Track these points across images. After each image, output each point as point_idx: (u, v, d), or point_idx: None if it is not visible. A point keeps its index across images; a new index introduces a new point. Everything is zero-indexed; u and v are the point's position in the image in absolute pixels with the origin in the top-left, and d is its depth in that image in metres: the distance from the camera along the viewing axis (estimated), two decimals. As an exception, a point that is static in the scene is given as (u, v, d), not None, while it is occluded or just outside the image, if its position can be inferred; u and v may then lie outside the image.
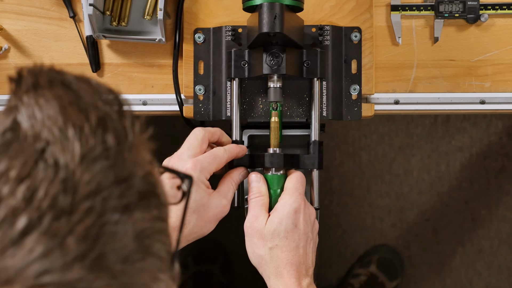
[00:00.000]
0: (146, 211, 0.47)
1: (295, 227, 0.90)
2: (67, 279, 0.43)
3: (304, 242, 0.90)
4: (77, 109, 0.47)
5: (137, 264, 0.46)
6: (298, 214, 0.90)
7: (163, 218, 0.49)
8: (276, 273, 0.89)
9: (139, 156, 0.48)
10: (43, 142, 0.45)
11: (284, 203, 0.91)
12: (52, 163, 0.44)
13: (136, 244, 0.46)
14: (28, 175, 0.43)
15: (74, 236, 0.43)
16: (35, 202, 0.43)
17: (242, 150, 0.95)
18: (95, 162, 0.45)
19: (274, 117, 0.97)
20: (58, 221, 0.43)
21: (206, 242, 1.80)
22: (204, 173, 0.90)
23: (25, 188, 0.43)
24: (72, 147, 0.45)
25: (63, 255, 0.43)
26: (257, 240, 0.90)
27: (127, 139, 0.48)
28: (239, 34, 1.01)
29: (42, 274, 0.42)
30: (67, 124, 0.46)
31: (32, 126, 0.45)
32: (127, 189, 0.46)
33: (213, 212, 0.91)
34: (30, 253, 0.42)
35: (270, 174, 0.95)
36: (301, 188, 0.93)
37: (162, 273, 0.49)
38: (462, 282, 1.82)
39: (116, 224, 0.45)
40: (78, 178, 0.44)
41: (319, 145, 0.96)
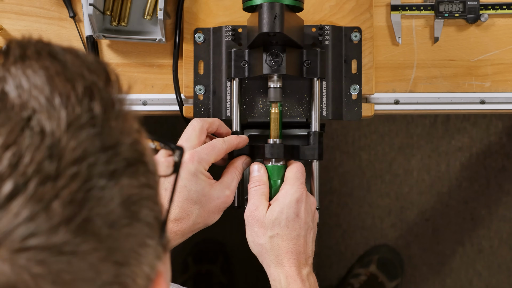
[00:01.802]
0: (134, 178, 0.47)
1: (297, 217, 0.90)
2: (53, 242, 0.43)
3: (305, 231, 0.91)
4: (64, 79, 0.47)
5: (124, 229, 0.47)
6: (300, 204, 0.90)
7: (151, 185, 0.50)
8: (276, 262, 0.90)
9: (126, 124, 0.49)
10: (30, 110, 0.45)
11: (286, 192, 0.91)
12: (38, 131, 0.45)
13: (123, 209, 0.46)
14: (14, 142, 0.44)
15: (59, 200, 0.44)
16: (21, 168, 0.43)
17: (242, 140, 0.96)
18: (81, 129, 0.46)
19: (274, 108, 0.97)
20: (44, 186, 0.43)
21: (206, 242, 1.80)
22: (202, 164, 0.90)
23: (11, 155, 0.44)
24: (58, 115, 0.45)
25: (49, 219, 0.43)
26: (258, 229, 0.90)
27: (114, 108, 0.48)
28: (239, 34, 1.01)
29: (28, 238, 0.43)
30: (53, 93, 0.46)
31: (19, 96, 0.46)
32: (114, 156, 0.46)
33: (216, 202, 0.91)
34: (15, 217, 0.43)
35: (270, 165, 0.95)
36: (302, 178, 0.93)
37: (151, 239, 0.49)
38: (462, 282, 1.82)
39: (103, 189, 0.45)
40: (64, 145, 0.45)
41: (319, 136, 0.96)
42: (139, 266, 0.48)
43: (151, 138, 0.55)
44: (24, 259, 0.43)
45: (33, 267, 0.43)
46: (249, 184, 0.94)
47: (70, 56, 0.49)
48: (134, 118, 0.51)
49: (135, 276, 0.48)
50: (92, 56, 0.51)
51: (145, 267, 0.49)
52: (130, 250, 0.47)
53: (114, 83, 0.50)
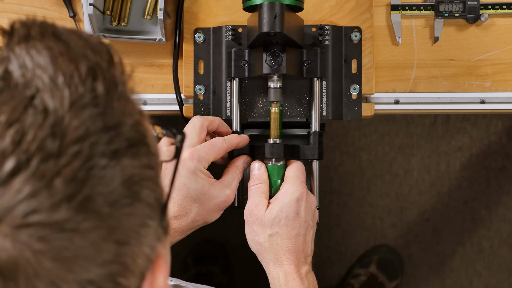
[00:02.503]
0: (135, 158, 0.48)
1: (297, 215, 0.90)
2: (55, 219, 0.44)
3: (305, 230, 0.91)
4: (68, 59, 0.47)
5: (125, 208, 0.47)
6: (300, 202, 0.90)
7: (153, 167, 0.50)
8: (275, 260, 0.90)
9: (128, 105, 0.49)
10: (33, 89, 0.46)
11: (286, 191, 0.91)
12: (41, 109, 0.45)
13: (124, 189, 0.47)
14: (17, 120, 0.44)
15: (61, 178, 0.44)
16: (24, 145, 0.44)
17: (243, 139, 0.96)
18: (84, 109, 0.46)
19: (275, 108, 0.97)
20: (46, 163, 0.44)
21: (206, 243, 1.80)
22: (202, 163, 0.90)
23: (14, 132, 0.44)
24: (62, 94, 0.46)
25: (51, 196, 0.44)
26: (257, 227, 0.90)
27: (117, 89, 0.49)
28: (239, 34, 1.01)
29: (29, 214, 0.43)
30: (57, 73, 0.46)
31: (23, 75, 0.46)
32: (116, 136, 0.47)
33: (215, 201, 0.91)
34: (17, 193, 0.43)
35: (270, 165, 0.95)
36: (303, 176, 0.93)
37: (151, 220, 0.50)
38: (462, 282, 1.82)
39: (104, 168, 0.46)
40: (66, 124, 0.45)
41: (319, 136, 0.96)
42: (139, 246, 0.49)
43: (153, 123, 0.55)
44: (26, 235, 0.43)
45: (34, 243, 0.43)
46: (249, 182, 0.94)
47: (74, 37, 0.50)
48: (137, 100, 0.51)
49: (135, 256, 0.49)
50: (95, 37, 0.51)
51: (146, 247, 0.50)
52: (130, 230, 0.48)
53: (117, 64, 0.50)
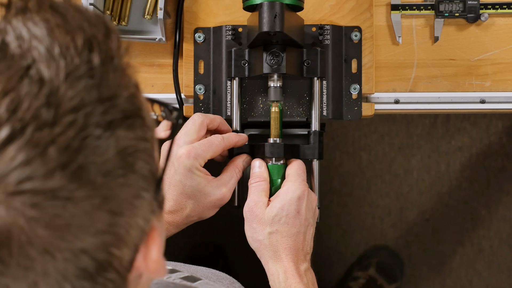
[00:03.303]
0: (130, 130, 0.48)
1: (298, 213, 0.90)
2: (48, 186, 0.44)
3: (305, 228, 0.91)
4: (64, 31, 0.48)
5: (119, 179, 0.47)
6: (302, 201, 0.90)
7: (148, 139, 0.50)
8: (275, 257, 0.90)
9: (124, 78, 0.50)
10: (30, 59, 0.46)
11: (287, 189, 0.91)
12: (37, 79, 0.45)
13: (119, 160, 0.47)
14: (12, 89, 0.45)
15: (55, 146, 0.44)
16: (19, 114, 0.44)
17: (242, 139, 0.96)
18: (79, 80, 0.46)
19: (275, 107, 0.97)
20: (41, 131, 0.44)
21: (205, 246, 1.80)
22: (198, 160, 0.90)
23: (9, 101, 0.44)
24: (58, 65, 0.46)
25: (44, 164, 0.44)
26: (256, 224, 0.90)
27: (113, 61, 0.49)
28: (239, 34, 1.01)
29: (23, 181, 0.44)
30: (53, 44, 0.47)
31: (19, 46, 0.47)
32: (111, 108, 0.47)
33: (211, 199, 0.91)
34: (11, 160, 0.43)
35: (270, 164, 0.95)
36: (304, 174, 0.93)
37: (146, 192, 0.50)
38: (462, 282, 1.82)
39: (98, 138, 0.46)
40: (62, 94, 0.45)
41: (319, 135, 0.96)
42: (133, 218, 0.49)
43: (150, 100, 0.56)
44: (19, 202, 0.44)
45: (27, 210, 0.44)
46: (250, 180, 0.94)
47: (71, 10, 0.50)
48: (133, 72, 0.51)
49: (128, 227, 0.49)
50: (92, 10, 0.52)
51: (139, 219, 0.50)
52: (124, 201, 0.48)
53: (114, 38, 0.50)
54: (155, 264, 0.52)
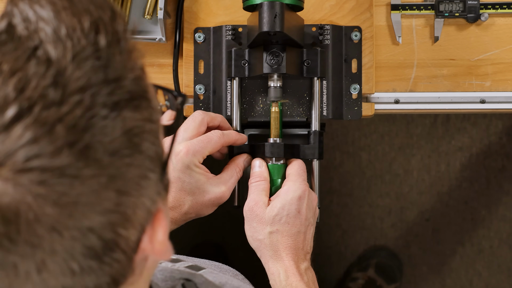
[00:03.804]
0: (136, 111, 0.49)
1: (298, 213, 0.90)
2: (56, 164, 0.44)
3: (305, 228, 0.91)
4: (71, 13, 0.48)
5: (126, 159, 0.48)
6: (302, 200, 0.90)
7: (154, 121, 0.51)
8: (275, 256, 0.90)
9: (130, 60, 0.50)
10: (37, 41, 0.47)
11: (288, 189, 0.91)
12: (44, 60, 0.46)
13: (125, 140, 0.48)
14: (20, 69, 0.45)
15: (63, 124, 0.45)
16: (26, 93, 0.45)
17: (241, 138, 0.96)
18: (86, 60, 0.47)
19: (275, 107, 0.97)
20: (48, 110, 0.45)
21: (206, 245, 1.80)
22: (197, 157, 0.90)
23: (17, 80, 0.45)
24: (64, 46, 0.47)
25: (52, 142, 0.44)
26: (257, 224, 0.90)
27: (119, 43, 0.50)
28: (239, 34, 1.01)
29: (30, 159, 0.44)
30: (60, 26, 0.47)
31: (26, 28, 0.47)
32: (117, 89, 0.48)
33: (210, 196, 0.91)
34: (19, 138, 0.44)
35: (271, 164, 0.95)
36: (304, 174, 0.93)
37: (152, 172, 0.51)
38: (462, 282, 1.82)
39: (105, 118, 0.46)
40: (69, 74, 0.46)
41: (319, 135, 0.96)
42: (139, 198, 0.49)
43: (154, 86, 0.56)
44: (27, 180, 0.44)
45: (35, 188, 0.44)
46: (250, 179, 0.94)
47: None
48: (139, 55, 0.52)
49: (135, 207, 0.49)
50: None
51: (146, 199, 0.50)
52: (131, 181, 0.48)
53: (120, 20, 0.51)
54: (161, 246, 0.53)
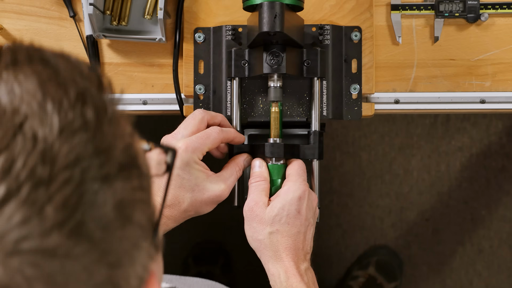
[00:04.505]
0: (127, 181, 0.48)
1: (298, 213, 0.90)
2: (46, 245, 0.44)
3: (305, 228, 0.91)
4: (56, 84, 0.47)
5: (117, 232, 0.47)
6: (302, 201, 0.90)
7: (144, 188, 0.50)
8: (275, 257, 0.90)
9: (119, 128, 0.49)
10: (22, 116, 0.45)
11: (288, 189, 0.91)
12: (30, 136, 0.45)
13: (116, 212, 0.47)
14: (6, 147, 0.44)
15: (52, 204, 0.44)
16: (14, 173, 0.44)
17: (239, 136, 0.96)
18: (74, 134, 0.46)
19: (275, 107, 0.97)
20: (37, 190, 0.44)
21: (206, 243, 1.80)
22: (196, 154, 0.90)
23: (3, 160, 0.44)
24: (51, 121, 0.46)
25: (42, 223, 0.44)
26: (256, 224, 0.90)
27: (107, 113, 0.49)
28: (239, 34, 1.01)
29: (21, 241, 0.43)
30: (46, 99, 0.46)
31: (11, 101, 0.46)
32: (107, 160, 0.47)
33: (209, 194, 0.91)
34: (8, 220, 0.43)
35: (271, 164, 0.95)
36: (304, 174, 0.93)
37: (144, 240, 0.50)
38: (462, 282, 1.82)
39: (96, 193, 0.46)
40: (56, 150, 0.45)
41: (319, 135, 0.96)
42: (132, 267, 0.49)
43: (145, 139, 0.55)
44: (17, 262, 0.43)
45: (26, 270, 0.43)
46: (250, 179, 0.94)
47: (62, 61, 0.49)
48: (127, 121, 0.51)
49: (128, 277, 0.48)
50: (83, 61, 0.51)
51: (138, 267, 0.50)
52: (123, 252, 0.48)
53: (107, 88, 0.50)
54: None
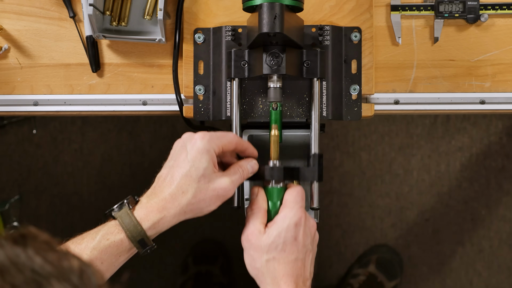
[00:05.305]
0: None
1: (295, 240, 0.90)
2: None
3: (303, 254, 0.90)
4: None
5: None
6: (299, 227, 0.90)
7: None
8: (273, 284, 0.89)
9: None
10: None
11: (284, 216, 0.91)
12: None
13: None
14: None
15: None
16: None
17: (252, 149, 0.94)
18: None
19: (274, 130, 0.96)
20: None
21: (206, 242, 1.80)
22: (211, 145, 0.89)
23: None
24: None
25: None
26: (253, 252, 0.90)
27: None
28: (239, 34, 1.01)
29: None
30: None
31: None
32: None
33: (214, 187, 0.89)
34: None
35: (270, 187, 0.94)
36: (302, 201, 0.92)
37: None
38: (462, 282, 1.82)
39: None
40: None
41: (319, 158, 0.96)
42: None
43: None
44: None
45: None
46: (248, 206, 0.94)
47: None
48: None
49: None
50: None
51: None
52: None
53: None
54: None
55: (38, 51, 1.08)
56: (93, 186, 1.82)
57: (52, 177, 1.82)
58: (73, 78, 1.08)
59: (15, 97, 1.08)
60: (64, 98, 1.08)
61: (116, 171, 1.82)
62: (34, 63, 1.08)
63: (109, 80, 1.07)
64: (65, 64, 1.08)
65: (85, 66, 1.07)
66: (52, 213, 1.83)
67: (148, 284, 1.82)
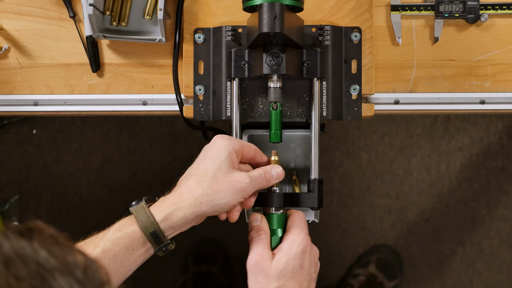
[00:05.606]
0: None
1: (301, 268, 0.90)
2: None
3: (308, 283, 0.90)
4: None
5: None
6: (305, 255, 0.90)
7: None
8: None
9: None
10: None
11: (292, 243, 0.91)
12: None
13: None
14: None
15: None
16: None
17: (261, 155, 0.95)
18: None
19: (274, 156, 0.95)
20: None
21: (206, 242, 1.80)
22: (231, 142, 0.90)
23: None
24: None
25: None
26: (263, 279, 0.90)
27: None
28: (239, 34, 1.01)
29: None
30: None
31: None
32: None
33: (230, 179, 0.88)
34: None
35: (270, 213, 0.94)
36: (306, 228, 0.92)
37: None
38: (462, 282, 1.82)
39: None
40: None
41: (319, 183, 0.96)
42: None
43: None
44: None
45: None
46: (251, 233, 0.93)
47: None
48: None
49: None
50: None
51: None
52: None
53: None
54: None
55: (38, 51, 1.08)
56: (93, 186, 1.82)
57: (52, 177, 1.82)
58: (73, 78, 1.08)
59: (15, 97, 1.08)
60: (64, 98, 1.08)
61: (116, 171, 1.81)
62: (34, 63, 1.08)
63: (109, 80, 1.07)
64: (65, 64, 1.08)
65: (85, 66, 1.07)
66: (52, 213, 1.83)
67: (148, 284, 1.82)
